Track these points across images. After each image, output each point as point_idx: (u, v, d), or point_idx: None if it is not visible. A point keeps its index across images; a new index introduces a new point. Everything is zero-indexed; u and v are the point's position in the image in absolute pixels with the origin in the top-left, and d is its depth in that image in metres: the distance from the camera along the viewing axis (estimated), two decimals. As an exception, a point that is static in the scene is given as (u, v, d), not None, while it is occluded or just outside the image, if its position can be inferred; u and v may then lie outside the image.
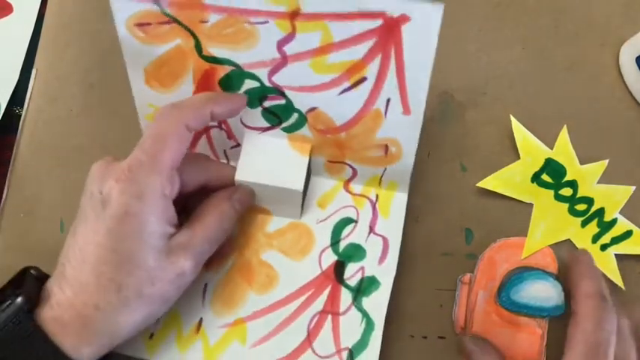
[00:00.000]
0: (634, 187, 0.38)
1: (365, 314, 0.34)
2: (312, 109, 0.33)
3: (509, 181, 0.38)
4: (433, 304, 0.37)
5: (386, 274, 0.35)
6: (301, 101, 0.32)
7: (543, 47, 0.42)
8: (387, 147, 0.34)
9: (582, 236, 0.38)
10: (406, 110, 0.32)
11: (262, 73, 0.31)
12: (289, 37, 0.30)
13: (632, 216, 0.38)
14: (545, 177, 0.39)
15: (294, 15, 0.29)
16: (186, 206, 0.32)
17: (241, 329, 0.34)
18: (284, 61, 0.31)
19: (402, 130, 0.33)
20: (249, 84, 0.32)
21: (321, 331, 0.34)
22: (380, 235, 0.36)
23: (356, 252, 0.35)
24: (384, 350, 0.34)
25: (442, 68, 0.40)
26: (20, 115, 0.38)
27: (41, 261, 0.32)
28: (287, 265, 0.35)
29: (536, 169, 0.39)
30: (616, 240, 0.38)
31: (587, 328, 0.31)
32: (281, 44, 0.30)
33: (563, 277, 0.35)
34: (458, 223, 0.38)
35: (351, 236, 0.36)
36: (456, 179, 0.39)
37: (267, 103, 0.33)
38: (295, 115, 0.33)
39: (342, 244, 0.35)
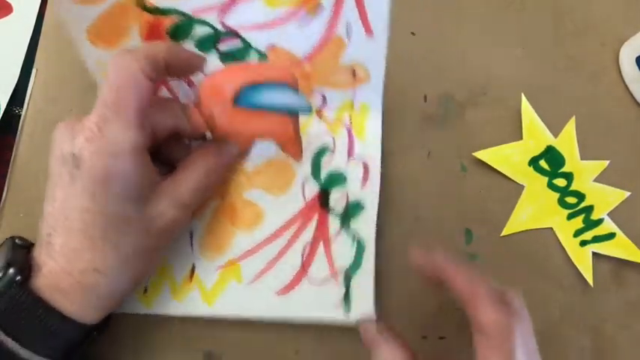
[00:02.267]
0: (628, 193, 0.39)
1: (354, 236, 0.34)
2: (272, 46, 0.32)
3: (506, 158, 0.39)
4: (433, 304, 0.37)
5: (369, 196, 0.35)
6: (258, 40, 0.31)
7: (543, 47, 0.42)
8: (354, 71, 0.33)
9: (566, 228, 0.38)
10: (368, 31, 0.31)
11: (212, 18, 0.30)
12: None
13: (619, 220, 0.38)
14: (542, 163, 0.39)
15: None
16: (160, 152, 0.31)
17: (235, 269, 0.34)
18: (232, 0, 0.29)
19: (367, 53, 0.32)
20: (200, 31, 0.31)
21: (314, 259, 0.34)
22: (359, 159, 0.35)
23: (338, 179, 0.35)
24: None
25: (442, 68, 0.40)
26: (20, 115, 0.38)
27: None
28: (271, 201, 0.35)
29: (536, 153, 0.39)
30: (597, 239, 0.38)
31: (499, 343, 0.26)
32: None
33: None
34: (458, 223, 0.38)
35: (331, 164, 0.35)
36: (456, 179, 0.39)
37: (222, 47, 0.32)
38: (255, 56, 0.32)
39: (323, 173, 0.35)
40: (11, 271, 0.27)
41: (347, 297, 0.34)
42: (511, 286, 0.38)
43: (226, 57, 0.33)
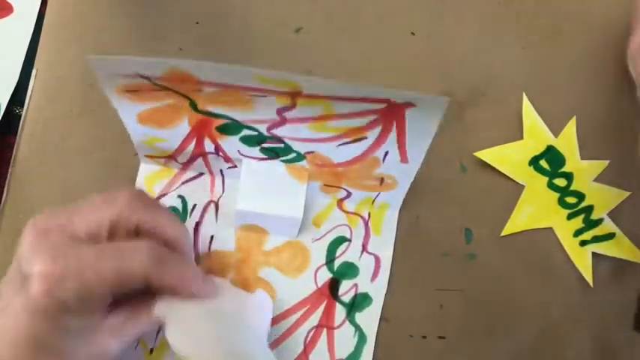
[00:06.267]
0: (628, 193, 0.39)
1: (358, 328, 0.35)
2: (311, 152, 0.33)
3: (507, 158, 0.39)
4: (433, 304, 0.37)
5: (378, 290, 0.36)
6: (300, 147, 0.33)
7: (543, 47, 0.42)
8: (382, 179, 0.35)
9: (566, 228, 0.38)
10: (404, 160, 0.33)
11: (261, 127, 0.32)
12: (289, 107, 0.30)
13: (619, 220, 0.38)
14: (543, 163, 0.39)
15: (295, 94, 0.28)
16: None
17: None
18: (282, 122, 0.31)
19: (399, 170, 0.34)
20: (247, 132, 0.33)
21: (316, 344, 0.35)
22: (372, 254, 0.37)
23: (350, 270, 0.36)
24: (384, 350, 0.34)
25: (442, 68, 0.40)
26: (20, 115, 0.38)
27: (41, 261, 0.32)
28: (284, 282, 0.36)
29: (537, 153, 0.39)
30: (597, 239, 0.38)
31: None
32: (280, 111, 0.30)
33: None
34: (458, 223, 0.38)
35: (345, 255, 0.37)
36: (456, 179, 0.39)
37: (265, 145, 0.34)
38: (294, 154, 0.34)
39: (337, 263, 0.36)
40: None
41: None
42: (511, 285, 0.38)
43: (267, 151, 0.34)
